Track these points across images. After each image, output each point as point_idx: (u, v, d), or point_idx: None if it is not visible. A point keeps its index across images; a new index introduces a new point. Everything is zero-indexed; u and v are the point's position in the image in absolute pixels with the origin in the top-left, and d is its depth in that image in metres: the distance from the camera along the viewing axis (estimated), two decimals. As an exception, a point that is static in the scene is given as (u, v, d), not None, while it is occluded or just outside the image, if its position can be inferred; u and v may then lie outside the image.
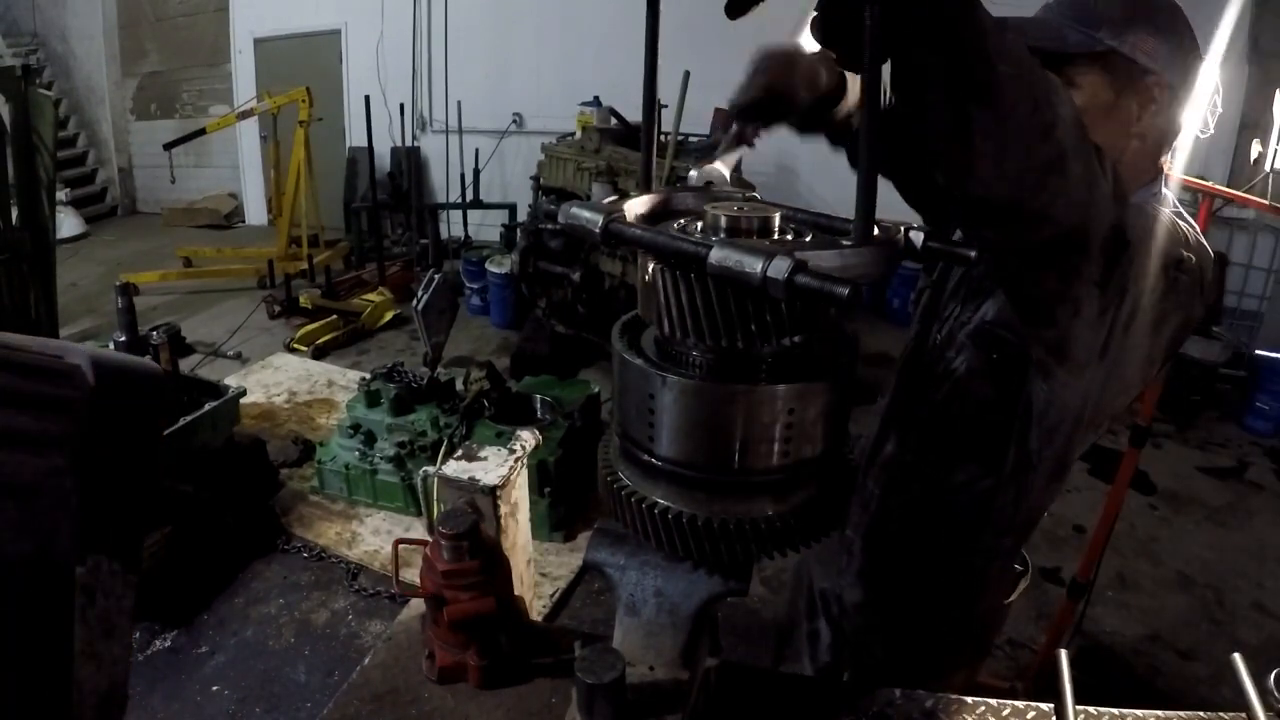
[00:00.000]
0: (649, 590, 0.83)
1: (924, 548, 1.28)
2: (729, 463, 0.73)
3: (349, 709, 1.09)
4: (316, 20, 8.23)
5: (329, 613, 3.03)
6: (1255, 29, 4.83)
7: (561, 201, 0.72)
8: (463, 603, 1.09)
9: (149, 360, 1.64)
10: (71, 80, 9.42)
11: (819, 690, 1.16)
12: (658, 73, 0.78)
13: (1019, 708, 1.08)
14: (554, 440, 3.46)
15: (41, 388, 0.46)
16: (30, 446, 0.45)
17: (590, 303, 4.84)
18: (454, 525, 1.11)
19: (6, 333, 0.47)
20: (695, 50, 3.47)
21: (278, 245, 6.87)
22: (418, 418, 3.66)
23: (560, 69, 7.25)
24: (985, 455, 1.17)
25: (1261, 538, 3.73)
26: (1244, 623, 3.16)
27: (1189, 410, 4.83)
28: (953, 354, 1.21)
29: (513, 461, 1.33)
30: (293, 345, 5.41)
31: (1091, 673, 2.78)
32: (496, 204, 7.29)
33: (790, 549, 0.76)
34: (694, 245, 0.64)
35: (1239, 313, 5.62)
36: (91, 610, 0.47)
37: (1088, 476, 4.08)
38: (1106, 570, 2.94)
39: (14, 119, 3.35)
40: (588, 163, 5.08)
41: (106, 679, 0.49)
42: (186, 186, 9.06)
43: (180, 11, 9.12)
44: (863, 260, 0.64)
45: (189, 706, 2.58)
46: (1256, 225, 5.45)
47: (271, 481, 3.68)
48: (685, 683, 0.80)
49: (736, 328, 0.68)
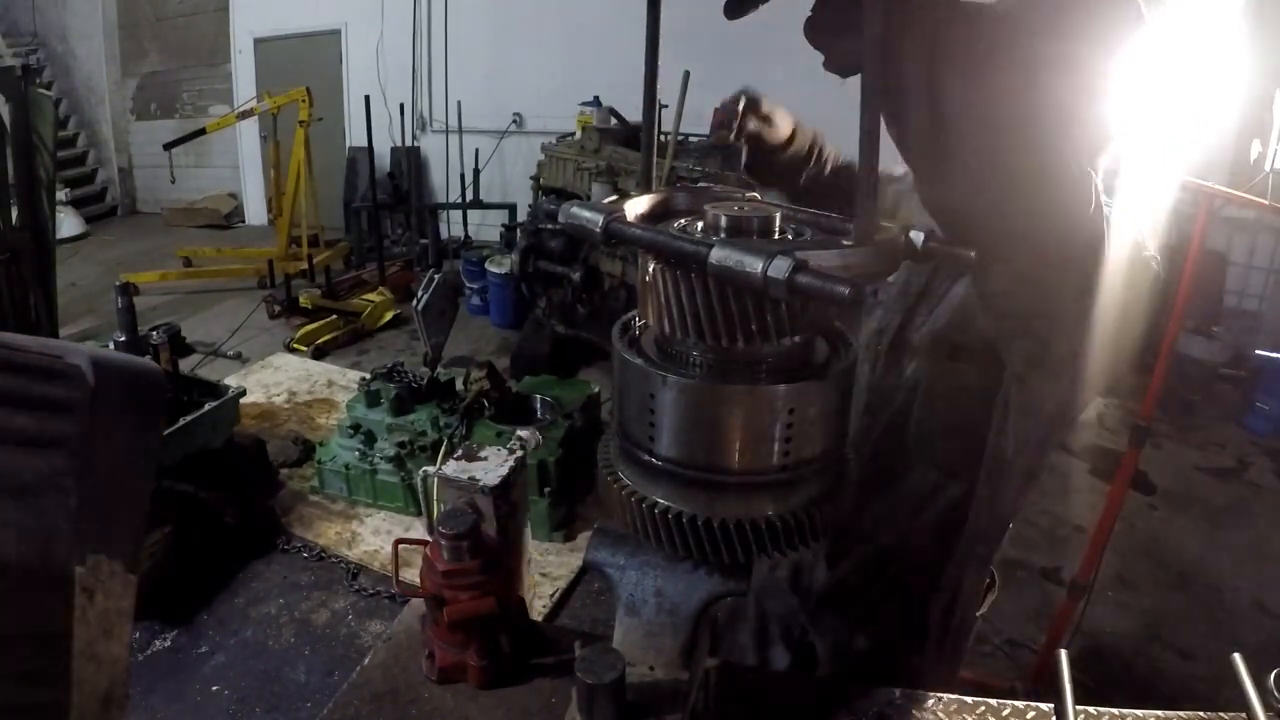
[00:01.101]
0: (649, 590, 0.83)
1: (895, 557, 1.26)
2: (729, 462, 0.73)
3: (349, 709, 1.09)
4: (316, 20, 8.24)
5: (329, 613, 3.04)
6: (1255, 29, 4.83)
7: (561, 201, 0.72)
8: (463, 603, 1.09)
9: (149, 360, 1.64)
10: (71, 80, 9.42)
11: (818, 690, 1.16)
12: (658, 73, 0.78)
13: (1019, 708, 1.08)
14: (554, 440, 3.46)
15: (41, 388, 0.46)
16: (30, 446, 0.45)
17: (590, 303, 4.85)
18: (454, 525, 1.11)
19: (6, 333, 0.47)
20: (695, 50, 3.46)
21: (278, 245, 6.87)
22: (418, 418, 3.66)
23: (560, 69, 7.24)
24: (950, 461, 1.16)
25: (1261, 538, 3.73)
26: (1244, 623, 3.16)
27: (1189, 410, 4.83)
28: (906, 360, 1.20)
29: (513, 461, 1.33)
30: (293, 345, 5.42)
31: (1091, 673, 2.78)
32: (496, 204, 7.28)
33: (790, 549, 0.76)
34: (694, 245, 0.64)
35: (1239, 313, 5.61)
36: (91, 610, 0.47)
37: (1088, 476, 4.08)
38: (1106, 570, 2.94)
39: (14, 119, 3.35)
40: (588, 163, 5.08)
41: (106, 679, 0.49)
42: (186, 186, 9.07)
43: (180, 11, 9.12)
44: (863, 260, 0.64)
45: (189, 706, 2.59)
46: (1256, 225, 5.44)
47: (271, 481, 3.69)
48: (685, 683, 0.80)
49: (737, 327, 0.68)
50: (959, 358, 1.10)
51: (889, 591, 1.29)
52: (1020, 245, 0.76)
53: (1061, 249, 0.79)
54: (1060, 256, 0.80)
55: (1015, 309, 0.86)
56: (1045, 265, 0.80)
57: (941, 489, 1.20)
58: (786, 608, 1.41)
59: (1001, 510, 1.16)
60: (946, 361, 1.14)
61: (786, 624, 1.42)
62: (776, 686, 1.16)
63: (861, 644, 1.33)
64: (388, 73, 7.83)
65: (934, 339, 1.17)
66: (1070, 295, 0.84)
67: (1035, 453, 1.09)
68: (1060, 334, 0.88)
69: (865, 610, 1.32)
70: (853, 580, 1.31)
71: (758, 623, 1.47)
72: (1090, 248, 0.81)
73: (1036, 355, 0.92)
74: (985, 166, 0.70)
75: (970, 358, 1.00)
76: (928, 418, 1.19)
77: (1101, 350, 0.95)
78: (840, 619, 1.34)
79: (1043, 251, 0.78)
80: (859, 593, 1.32)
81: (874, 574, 1.29)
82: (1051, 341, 0.89)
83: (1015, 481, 1.12)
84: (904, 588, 1.27)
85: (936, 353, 1.16)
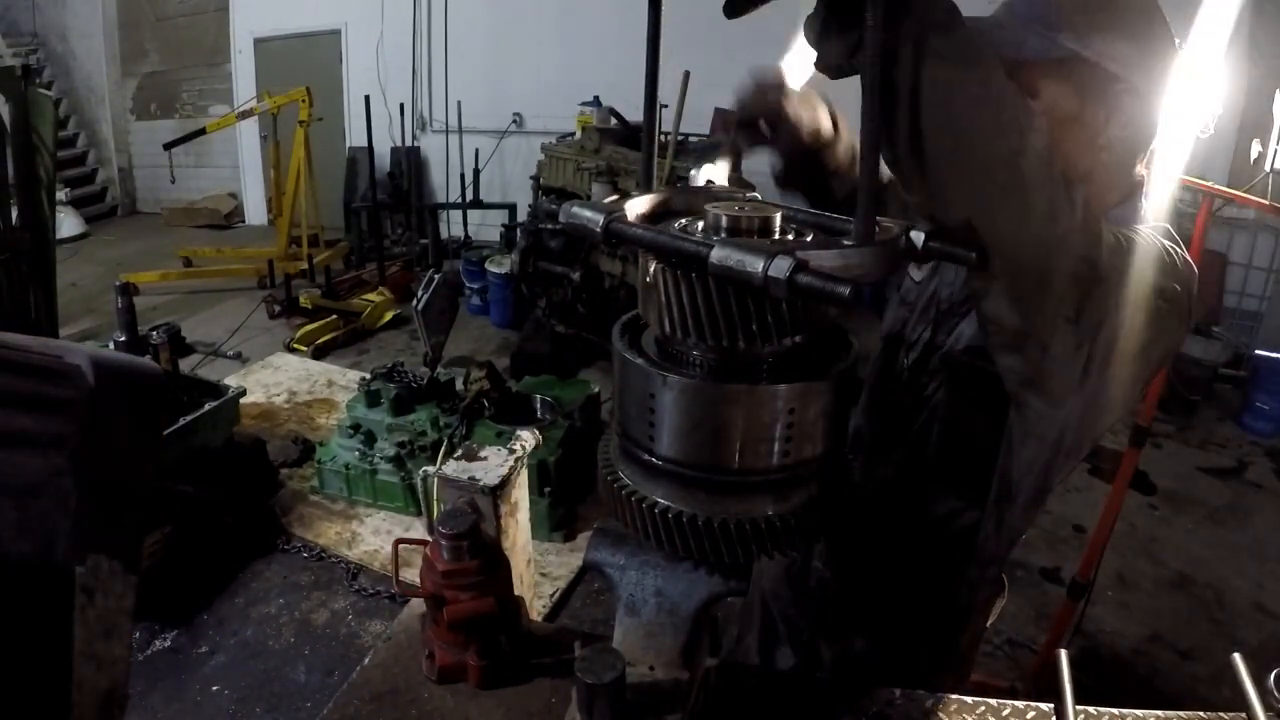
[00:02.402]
0: (649, 590, 0.83)
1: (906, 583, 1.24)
2: (729, 462, 0.73)
3: (349, 709, 1.09)
4: (316, 20, 8.23)
5: (329, 613, 3.03)
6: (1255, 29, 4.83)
7: (561, 201, 0.72)
8: (463, 603, 1.09)
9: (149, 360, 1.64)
10: (71, 80, 9.42)
11: (819, 690, 1.16)
12: (658, 73, 0.78)
13: (1019, 708, 1.08)
14: (554, 440, 3.46)
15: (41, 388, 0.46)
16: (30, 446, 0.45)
17: (590, 303, 4.85)
18: (454, 525, 1.11)
19: (6, 333, 0.47)
20: (695, 50, 3.47)
21: (278, 245, 6.87)
22: (418, 418, 3.66)
23: (560, 69, 7.24)
24: (967, 487, 1.13)
25: (1261, 538, 3.73)
26: (1244, 623, 3.16)
27: (1189, 410, 4.83)
28: (926, 380, 1.17)
29: (513, 461, 1.33)
30: (293, 345, 5.42)
31: (1091, 673, 2.78)
32: (496, 204, 7.28)
33: (790, 549, 0.76)
34: (695, 245, 0.64)
35: (1239, 313, 5.62)
36: (91, 610, 0.47)
37: (1088, 476, 4.07)
38: (1106, 570, 2.94)
39: (14, 119, 3.35)
40: (588, 163, 5.08)
41: (106, 679, 0.49)
42: (186, 186, 9.07)
43: (180, 11, 9.12)
44: (864, 260, 0.64)
45: (189, 706, 2.59)
46: (1256, 225, 5.44)
47: (271, 481, 3.68)
48: (685, 683, 0.80)
49: (737, 327, 0.68)
50: (978, 385, 1.05)
51: (897, 604, 1.28)
52: (998, 263, 0.75)
53: (1040, 271, 0.78)
54: (1039, 280, 0.78)
55: (1005, 327, 0.84)
56: (1025, 286, 0.79)
57: (958, 515, 1.17)
58: (795, 611, 1.40)
59: (1009, 533, 1.15)
60: (965, 389, 1.11)
61: (793, 627, 1.41)
62: (776, 686, 1.16)
63: (868, 652, 1.32)
64: (388, 73, 7.83)
65: (952, 365, 1.14)
66: (1061, 320, 0.82)
67: (1041, 476, 1.06)
68: (1056, 361, 0.86)
69: (873, 622, 1.32)
70: (863, 595, 1.31)
71: (764, 623, 1.47)
72: (1077, 274, 0.79)
73: (1029, 378, 0.90)
74: (954, 179, 0.71)
75: (988, 385, 0.96)
76: (947, 443, 1.16)
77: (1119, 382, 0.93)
78: (848, 626, 1.34)
79: (1019, 272, 0.77)
80: (866, 603, 1.32)
81: (885, 591, 1.28)
82: (1046, 365, 0.86)
83: (1022, 504, 1.10)
84: (914, 604, 1.26)
85: (955, 379, 1.14)
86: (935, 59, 0.64)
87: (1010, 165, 0.70)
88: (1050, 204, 0.74)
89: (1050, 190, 0.73)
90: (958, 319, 1.15)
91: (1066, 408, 0.94)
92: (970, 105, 0.67)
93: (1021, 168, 0.70)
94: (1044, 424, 0.97)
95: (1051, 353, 0.84)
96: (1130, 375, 0.95)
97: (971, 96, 0.67)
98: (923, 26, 0.63)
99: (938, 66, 0.64)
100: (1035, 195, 0.72)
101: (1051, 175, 0.73)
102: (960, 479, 1.15)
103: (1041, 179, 0.72)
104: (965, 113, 0.67)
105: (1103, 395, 0.94)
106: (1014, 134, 0.70)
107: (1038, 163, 0.71)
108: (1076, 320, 0.82)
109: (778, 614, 1.43)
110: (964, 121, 0.68)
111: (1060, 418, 0.96)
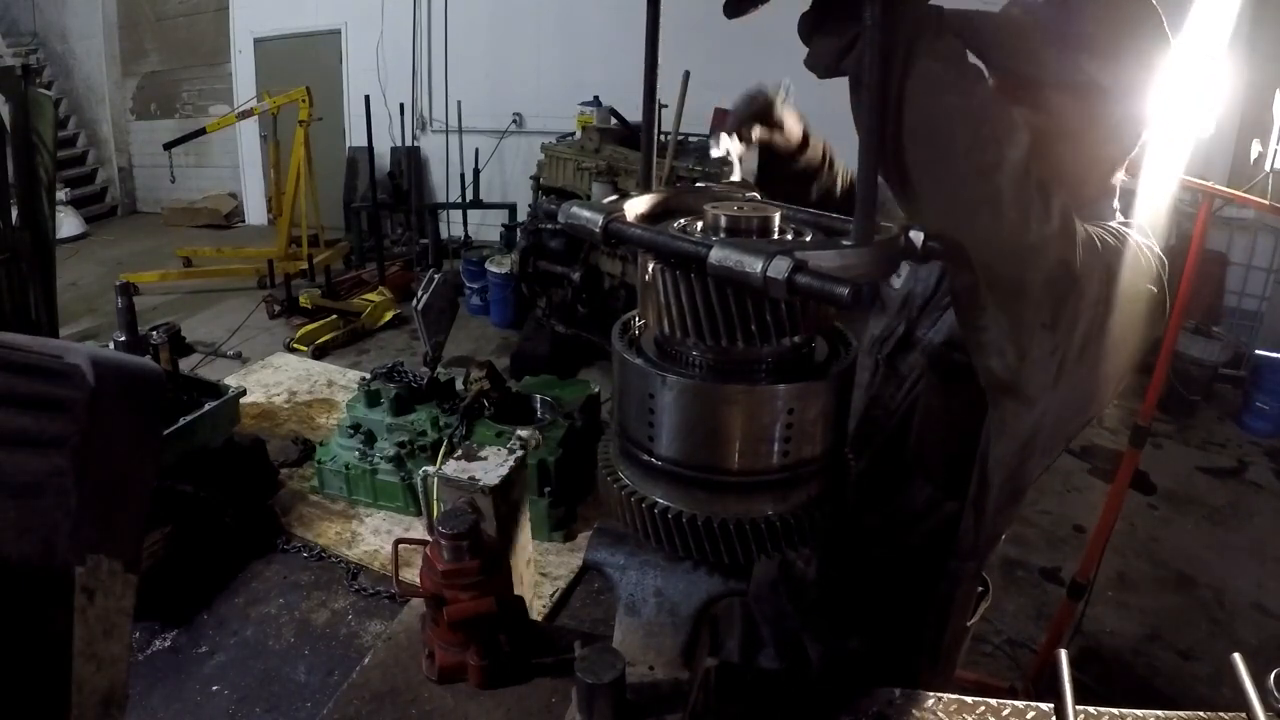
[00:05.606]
0: (649, 590, 0.83)
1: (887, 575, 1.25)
2: (729, 462, 0.73)
3: (349, 709, 1.09)
4: (316, 20, 8.23)
5: (329, 613, 3.03)
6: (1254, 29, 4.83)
7: (561, 201, 0.72)
8: (463, 603, 1.09)
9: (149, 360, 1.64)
10: (71, 80, 9.42)
11: (818, 690, 1.16)
12: (658, 73, 0.78)
13: (1019, 708, 1.08)
14: (554, 440, 3.46)
15: (42, 388, 0.46)
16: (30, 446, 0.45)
17: (590, 303, 4.84)
18: (454, 525, 1.11)
19: (6, 333, 0.47)
20: (695, 50, 3.47)
21: (278, 245, 6.86)
22: (418, 418, 3.66)
23: (560, 69, 7.24)
24: (948, 478, 1.14)
25: (1261, 538, 3.73)
26: (1244, 623, 3.16)
27: (1189, 410, 4.83)
28: (907, 371, 1.19)
29: (513, 461, 1.33)
30: (293, 345, 5.41)
31: (1091, 673, 2.78)
32: (496, 204, 7.28)
33: (790, 548, 0.76)
34: (694, 245, 0.64)
35: (1239, 313, 5.62)
36: (91, 610, 0.47)
37: (1088, 476, 4.08)
38: (1106, 570, 2.94)
39: (14, 119, 3.35)
40: (588, 163, 5.08)
41: (106, 679, 0.49)
42: (186, 186, 9.07)
43: (180, 11, 9.12)
44: (863, 260, 0.64)
45: (189, 706, 2.58)
46: (1256, 225, 5.44)
47: (271, 481, 3.68)
48: (685, 683, 0.80)
49: (736, 327, 0.68)
50: (957, 377, 1.06)
51: (881, 601, 1.28)
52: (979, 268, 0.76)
53: (1015, 280, 0.78)
54: (1014, 288, 0.79)
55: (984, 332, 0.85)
56: (1001, 294, 0.80)
57: (938, 505, 1.18)
58: (777, 611, 1.40)
59: (987, 528, 1.14)
60: (944, 381, 1.13)
61: (777, 628, 1.41)
62: (776, 686, 1.16)
63: (855, 649, 1.32)
64: (388, 73, 7.83)
65: (931, 356, 1.15)
66: (1038, 326, 0.83)
67: (1018, 474, 1.06)
68: (1030, 363, 0.87)
69: (858, 617, 1.32)
70: (845, 588, 1.31)
71: (745, 626, 1.46)
72: (1053, 280, 0.80)
73: (1005, 382, 0.91)
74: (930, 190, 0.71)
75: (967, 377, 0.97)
76: (926, 434, 1.17)
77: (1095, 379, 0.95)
78: (833, 624, 1.34)
79: (994, 281, 0.78)
80: (851, 600, 1.32)
81: (866, 584, 1.29)
82: (1023, 370, 0.87)
83: (999, 500, 1.10)
84: (896, 598, 1.26)
85: (935, 370, 1.15)
86: (925, 60, 0.65)
87: (985, 179, 0.71)
88: (1023, 216, 0.74)
89: (1024, 203, 0.74)
90: (937, 312, 1.17)
91: (1040, 407, 0.94)
92: (949, 118, 0.68)
93: (997, 182, 0.71)
94: (1017, 423, 0.98)
95: (1029, 357, 0.85)
96: (1105, 373, 0.96)
97: (952, 107, 0.68)
98: (917, 28, 0.64)
99: (926, 69, 0.65)
100: (1009, 209, 0.73)
101: (1027, 188, 0.74)
102: (940, 469, 1.17)
103: (1015, 194, 0.72)
104: (944, 125, 0.68)
105: (1076, 395, 0.96)
106: (991, 148, 0.70)
107: (1014, 175, 0.72)
108: (1053, 326, 0.84)
109: (760, 616, 1.43)
110: (943, 134, 0.68)
111: (1034, 417, 0.96)
